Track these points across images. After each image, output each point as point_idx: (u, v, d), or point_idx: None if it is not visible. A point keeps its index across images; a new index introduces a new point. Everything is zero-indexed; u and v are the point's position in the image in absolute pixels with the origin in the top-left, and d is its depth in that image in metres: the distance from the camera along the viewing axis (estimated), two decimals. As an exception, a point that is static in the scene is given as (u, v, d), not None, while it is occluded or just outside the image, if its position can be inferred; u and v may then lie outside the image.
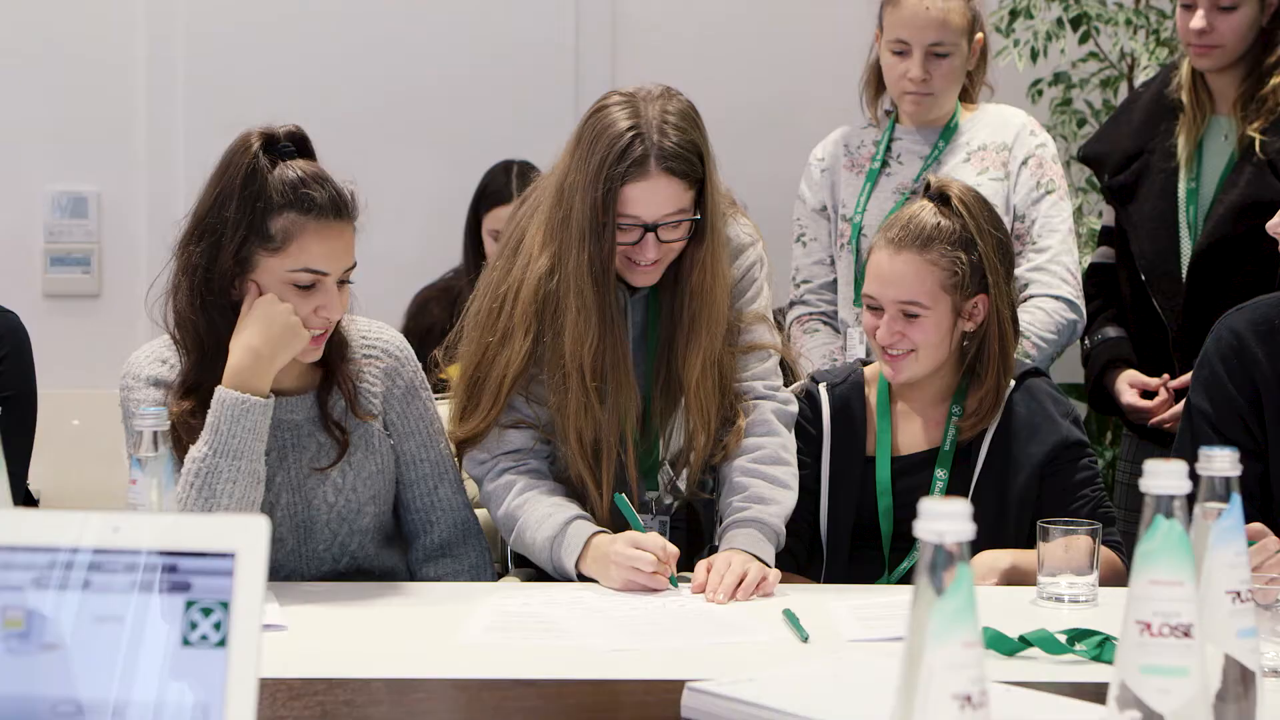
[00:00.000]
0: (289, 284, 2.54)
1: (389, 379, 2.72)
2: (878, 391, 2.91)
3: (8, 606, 1.32)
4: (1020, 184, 3.48)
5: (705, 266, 2.73)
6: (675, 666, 2.09)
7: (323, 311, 2.56)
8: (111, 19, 4.89)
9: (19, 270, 4.81)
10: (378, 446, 2.69)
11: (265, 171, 2.54)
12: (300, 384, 2.67)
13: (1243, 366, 2.74)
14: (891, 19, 3.48)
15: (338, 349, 2.67)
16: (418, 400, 2.74)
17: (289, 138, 2.59)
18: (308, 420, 2.66)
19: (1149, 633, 1.49)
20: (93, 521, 1.34)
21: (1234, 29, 3.41)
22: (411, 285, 4.64)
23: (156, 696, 1.30)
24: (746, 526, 2.68)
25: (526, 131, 4.75)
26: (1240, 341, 2.75)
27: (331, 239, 2.55)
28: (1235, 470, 1.62)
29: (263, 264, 2.54)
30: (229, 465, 2.49)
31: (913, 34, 3.44)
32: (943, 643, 1.25)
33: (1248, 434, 2.71)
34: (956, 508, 1.25)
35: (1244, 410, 2.73)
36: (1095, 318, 3.59)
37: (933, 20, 3.43)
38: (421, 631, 2.37)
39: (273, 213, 2.53)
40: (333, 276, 2.56)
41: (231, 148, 2.58)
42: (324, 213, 2.54)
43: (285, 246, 2.53)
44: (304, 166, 2.57)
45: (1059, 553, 2.50)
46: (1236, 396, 2.74)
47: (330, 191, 2.55)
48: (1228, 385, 2.74)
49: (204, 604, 1.32)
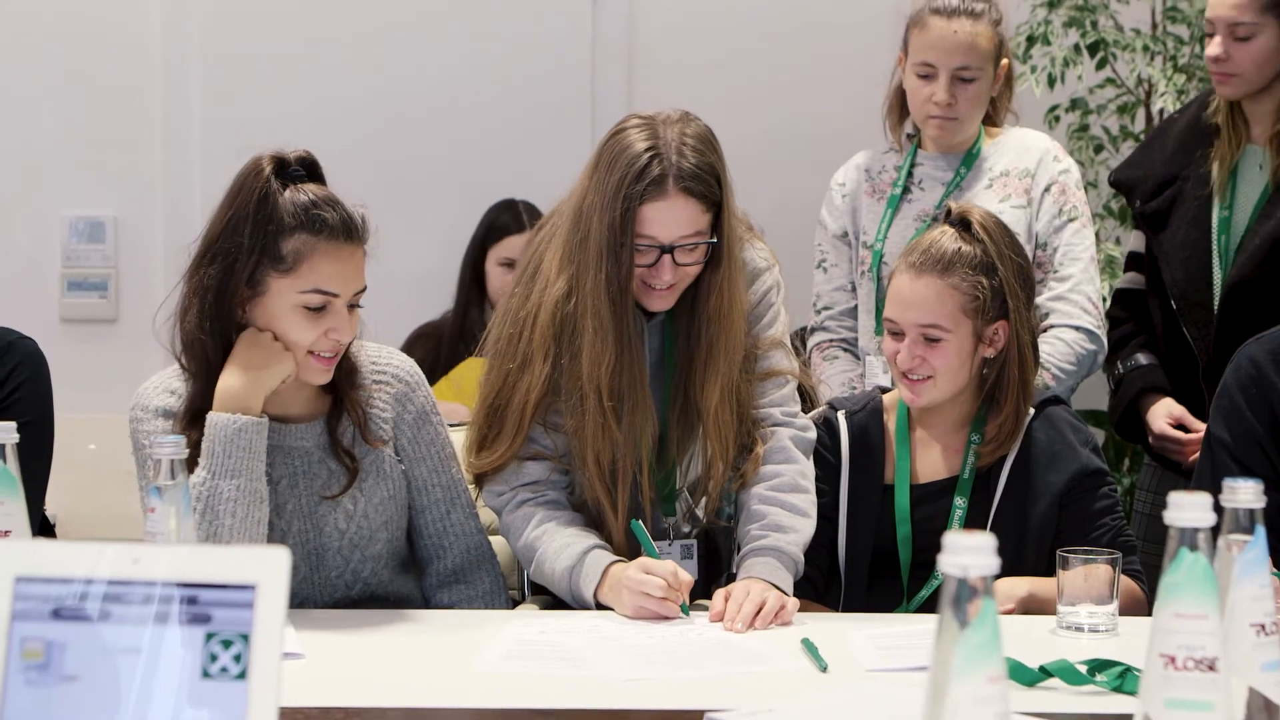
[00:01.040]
0: (299, 306, 2.54)
1: (399, 404, 2.72)
2: (897, 419, 2.90)
3: (27, 638, 1.32)
4: (1043, 211, 3.46)
5: (722, 292, 2.72)
6: (693, 696, 2.08)
7: (333, 334, 2.56)
8: (128, 45, 4.91)
9: (36, 294, 4.82)
10: (389, 472, 2.68)
11: (277, 194, 2.54)
12: (309, 411, 2.67)
13: (1262, 395, 2.72)
14: (918, 41, 3.45)
15: (347, 375, 2.67)
16: (429, 425, 2.74)
17: (300, 162, 2.60)
18: (318, 447, 2.65)
19: (1173, 666, 1.48)
20: (112, 553, 1.34)
21: (1250, 57, 3.39)
22: (422, 311, 4.65)
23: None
24: (765, 555, 2.68)
25: (542, 159, 4.76)
26: (1259, 370, 2.74)
27: (342, 260, 2.56)
28: (1260, 502, 1.62)
29: (274, 286, 2.54)
30: (229, 486, 2.49)
31: (939, 57, 3.42)
32: (967, 677, 1.24)
33: (1268, 463, 2.70)
34: (981, 541, 1.25)
35: (1264, 439, 2.72)
36: (1125, 342, 3.57)
37: (960, 44, 3.41)
38: (438, 660, 2.36)
39: (284, 234, 2.53)
40: (343, 299, 2.56)
41: (243, 171, 2.59)
42: (335, 234, 2.54)
43: (296, 267, 2.53)
44: (315, 190, 2.57)
45: (1079, 582, 2.49)
46: (1256, 426, 2.72)
47: (341, 214, 2.56)
48: (1246, 414, 2.73)
49: (224, 636, 1.31)
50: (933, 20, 3.43)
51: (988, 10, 3.46)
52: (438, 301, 4.69)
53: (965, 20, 3.42)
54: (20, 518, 2.37)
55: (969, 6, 3.43)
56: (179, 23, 4.90)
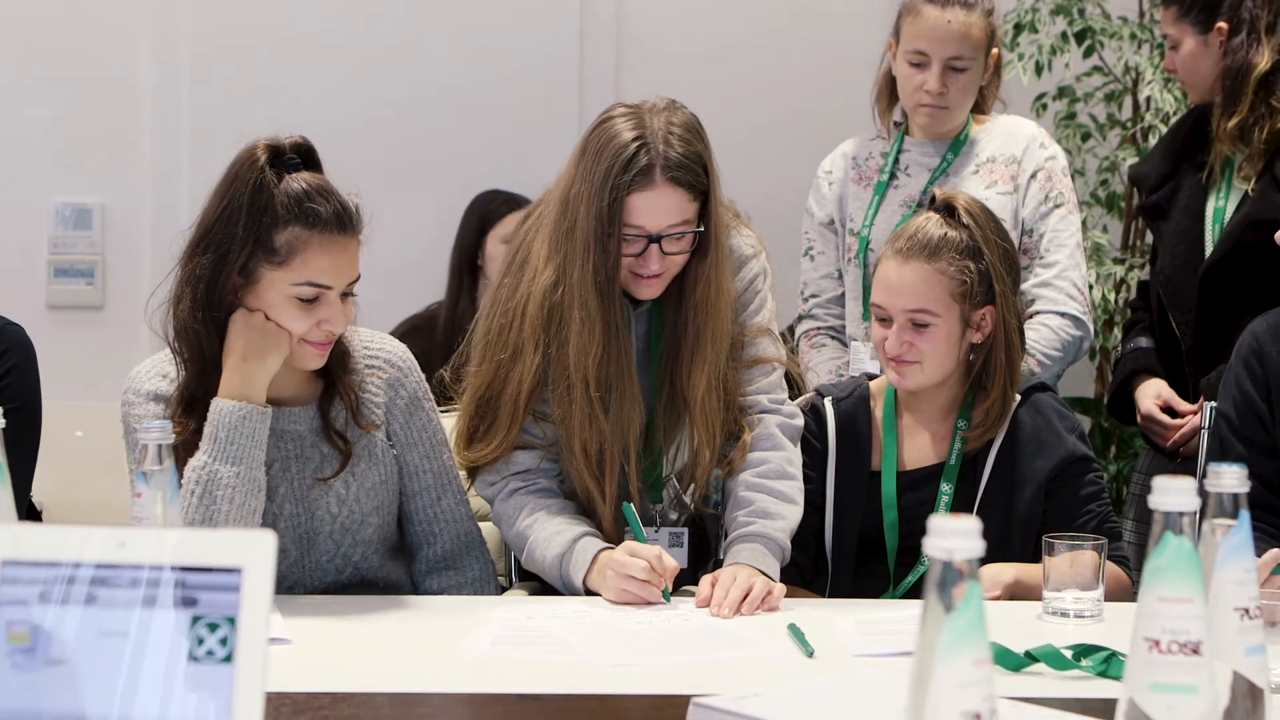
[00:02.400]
0: (292, 297, 2.54)
1: (392, 389, 2.72)
2: (884, 405, 2.91)
3: (13, 621, 1.32)
4: (1029, 197, 3.46)
5: (709, 280, 2.72)
6: (680, 681, 2.08)
7: (325, 325, 2.56)
8: (117, 31, 4.89)
9: (23, 281, 4.80)
10: (380, 457, 2.69)
11: (272, 185, 2.53)
12: (302, 395, 2.67)
13: (1261, 365, 2.81)
14: (911, 30, 3.44)
15: (340, 360, 2.66)
16: (421, 411, 2.74)
17: (295, 149, 2.59)
18: (310, 431, 2.65)
19: (1158, 650, 1.48)
20: (98, 536, 1.34)
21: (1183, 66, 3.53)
22: (410, 299, 4.64)
23: (162, 712, 1.30)
24: (751, 541, 2.68)
25: (530, 148, 4.75)
26: (1258, 343, 2.83)
27: (335, 253, 2.55)
28: (1244, 487, 1.62)
29: (266, 277, 2.54)
30: (228, 472, 2.50)
31: (932, 46, 3.42)
32: (952, 660, 1.24)
33: (1266, 434, 2.78)
34: (966, 525, 1.25)
35: (1261, 411, 2.80)
36: (1133, 328, 3.63)
37: (954, 33, 3.41)
38: (426, 645, 2.37)
39: (277, 226, 2.52)
40: (336, 290, 2.56)
41: (237, 159, 2.58)
42: (328, 227, 2.54)
43: (289, 260, 2.53)
44: (309, 179, 2.56)
45: (1064, 567, 2.50)
46: (1254, 394, 2.81)
47: (335, 205, 2.55)
48: (1246, 384, 2.82)
49: (210, 619, 1.31)
50: (926, 9, 3.42)
51: (980, 1, 3.46)
52: (425, 290, 4.69)
53: (959, 10, 3.42)
54: (7, 504, 2.37)
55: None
56: (168, 10, 4.88)
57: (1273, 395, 2.80)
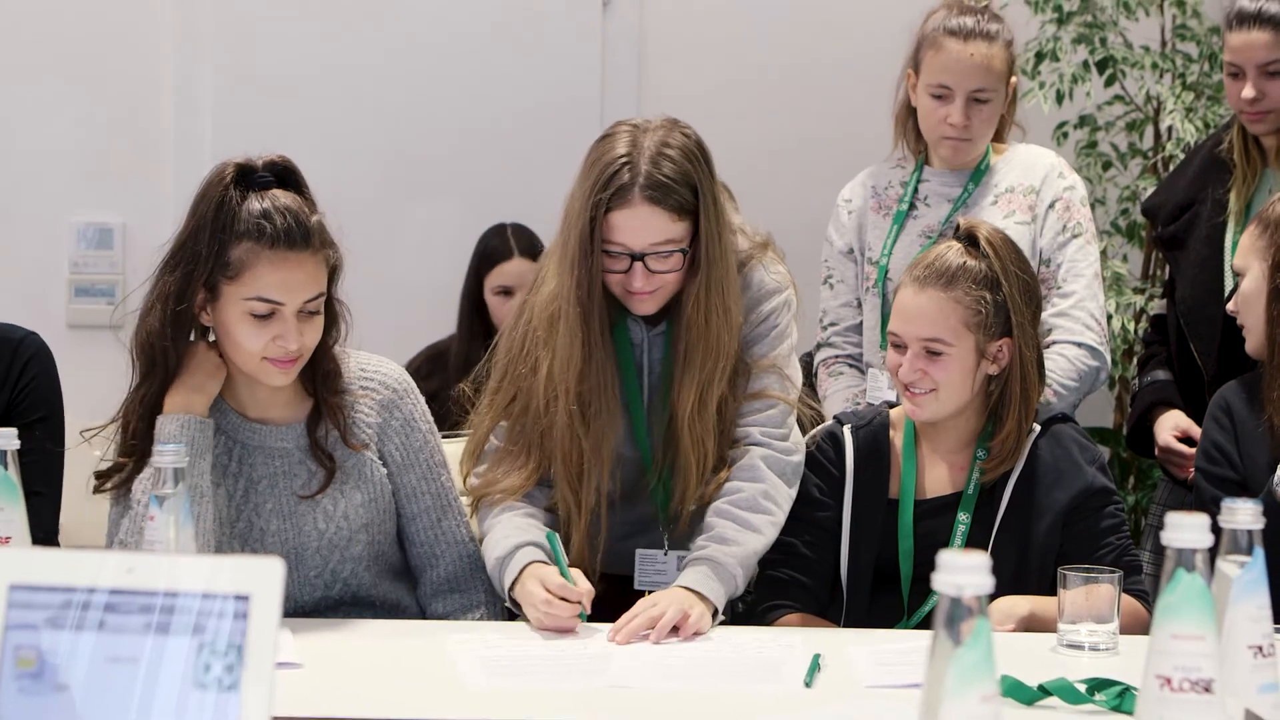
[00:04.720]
0: (246, 313, 2.56)
1: (385, 411, 2.73)
2: (904, 434, 2.90)
3: (21, 646, 1.32)
4: (1047, 227, 3.44)
5: (699, 300, 2.72)
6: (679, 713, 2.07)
7: (280, 341, 2.56)
8: (140, 51, 4.91)
9: (43, 300, 4.82)
10: (370, 476, 2.70)
11: (234, 202, 2.56)
12: (291, 414, 2.70)
13: (1230, 418, 2.90)
14: (932, 63, 3.42)
15: (329, 381, 2.68)
16: (416, 433, 2.75)
17: (269, 168, 2.61)
18: (297, 449, 2.68)
19: (1169, 688, 1.48)
20: (108, 562, 1.34)
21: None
22: (434, 324, 4.63)
23: (167, 739, 1.30)
24: (698, 564, 2.66)
25: (552, 174, 4.74)
26: (1226, 402, 2.94)
27: (287, 269, 2.55)
28: (1259, 523, 1.61)
29: (224, 292, 2.57)
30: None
31: (955, 79, 3.39)
32: (960, 696, 1.24)
33: (1235, 472, 2.83)
34: (975, 560, 1.24)
35: (1230, 453, 2.87)
36: (1149, 361, 3.61)
37: (976, 66, 3.39)
38: (433, 671, 2.36)
39: (232, 242, 2.55)
40: (289, 306, 2.56)
41: (207, 177, 2.63)
42: (277, 242, 2.54)
43: (240, 275, 2.55)
44: (275, 196, 2.58)
45: (1079, 600, 2.49)
46: (1224, 443, 2.88)
47: (289, 221, 2.56)
48: (1217, 435, 2.91)
49: (217, 646, 1.31)
50: (948, 42, 3.40)
51: (1001, 31, 3.45)
52: (450, 315, 4.68)
53: (981, 43, 3.40)
54: (20, 524, 2.38)
55: (983, 28, 3.41)
56: (190, 30, 4.90)
57: (1240, 442, 2.86)
